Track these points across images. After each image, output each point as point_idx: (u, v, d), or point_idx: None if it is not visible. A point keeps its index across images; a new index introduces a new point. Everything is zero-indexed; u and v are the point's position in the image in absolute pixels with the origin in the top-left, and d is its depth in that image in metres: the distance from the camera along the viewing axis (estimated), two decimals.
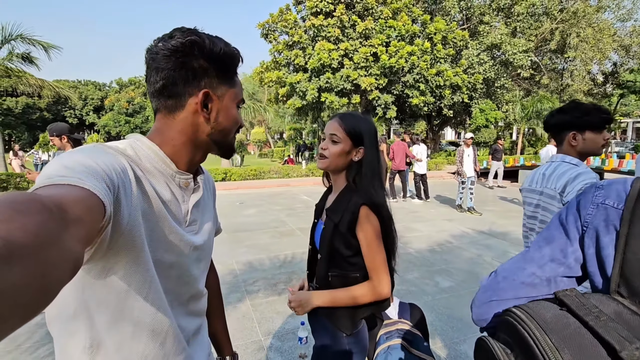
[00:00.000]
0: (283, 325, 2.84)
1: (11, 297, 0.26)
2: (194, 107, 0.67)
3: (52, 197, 0.37)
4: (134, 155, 0.64)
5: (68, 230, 0.35)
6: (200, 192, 0.75)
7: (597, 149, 1.56)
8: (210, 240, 0.82)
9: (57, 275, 0.32)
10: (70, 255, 0.34)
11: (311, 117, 18.04)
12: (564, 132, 1.59)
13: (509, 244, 5.08)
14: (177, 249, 0.68)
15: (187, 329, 0.75)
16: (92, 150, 0.55)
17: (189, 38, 0.64)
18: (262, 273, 3.94)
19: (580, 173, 1.49)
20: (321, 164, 1.15)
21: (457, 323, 2.88)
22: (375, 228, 1.07)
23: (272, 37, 16.64)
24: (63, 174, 0.45)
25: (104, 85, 45.81)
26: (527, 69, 18.84)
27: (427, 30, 15.77)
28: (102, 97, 41.68)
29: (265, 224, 6.18)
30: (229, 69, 0.71)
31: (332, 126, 1.14)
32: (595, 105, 1.57)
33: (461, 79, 15.97)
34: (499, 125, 19.44)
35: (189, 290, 0.75)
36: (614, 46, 21.26)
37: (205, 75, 0.67)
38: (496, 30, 17.93)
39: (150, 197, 0.63)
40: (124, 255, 0.57)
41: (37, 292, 0.29)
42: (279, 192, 10.13)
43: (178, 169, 0.69)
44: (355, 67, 14.78)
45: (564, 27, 19.53)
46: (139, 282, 0.60)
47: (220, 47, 0.67)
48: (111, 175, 0.52)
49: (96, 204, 0.44)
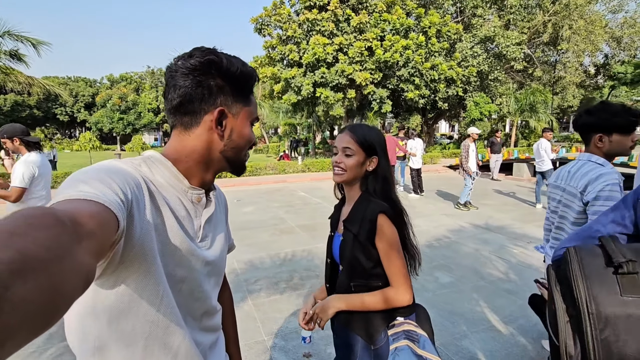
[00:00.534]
0: (286, 325, 2.87)
1: (23, 311, 0.26)
2: (209, 124, 0.69)
3: (66, 211, 0.38)
4: (147, 171, 0.66)
5: (81, 244, 0.36)
6: (212, 207, 0.76)
7: (625, 151, 1.55)
8: (223, 256, 0.82)
9: (69, 289, 0.32)
10: (83, 268, 0.35)
11: (306, 112, 17.97)
12: (591, 134, 1.59)
13: (506, 238, 5.15)
14: (189, 263, 0.69)
15: (202, 343, 0.76)
16: (107, 166, 0.57)
17: (207, 57, 0.66)
18: (264, 272, 3.96)
19: (602, 174, 1.50)
20: (338, 178, 1.16)
21: (458, 319, 2.93)
22: (393, 236, 1.09)
23: (266, 31, 16.48)
24: (79, 189, 0.46)
25: (94, 81, 45.06)
26: (520, 62, 18.91)
27: (422, 23, 15.72)
28: (93, 94, 40.99)
29: (264, 222, 6.18)
30: (244, 88, 0.73)
31: (344, 139, 1.14)
32: (624, 106, 1.53)
33: (455, 72, 16.00)
34: (492, 118, 19.54)
35: (202, 306, 0.75)
36: (606, 38, 21.42)
37: (221, 93, 0.69)
38: (489, 23, 17.93)
39: (163, 212, 0.64)
40: (135, 269, 0.58)
41: (48, 306, 0.29)
42: (276, 188, 10.12)
43: (191, 185, 0.71)
44: (350, 62, 14.72)
45: (557, 19, 19.60)
46: (151, 295, 0.61)
47: (237, 66, 0.69)
48: (125, 190, 0.53)
49: (110, 219, 0.45)
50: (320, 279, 3.72)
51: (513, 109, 18.27)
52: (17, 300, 0.26)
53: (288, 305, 3.18)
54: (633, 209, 0.81)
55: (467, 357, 2.43)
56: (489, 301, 3.23)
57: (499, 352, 2.49)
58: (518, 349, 2.53)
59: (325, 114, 16.24)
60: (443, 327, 2.78)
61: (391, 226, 1.09)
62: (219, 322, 0.85)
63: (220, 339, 0.86)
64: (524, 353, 2.48)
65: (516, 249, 4.68)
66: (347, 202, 1.24)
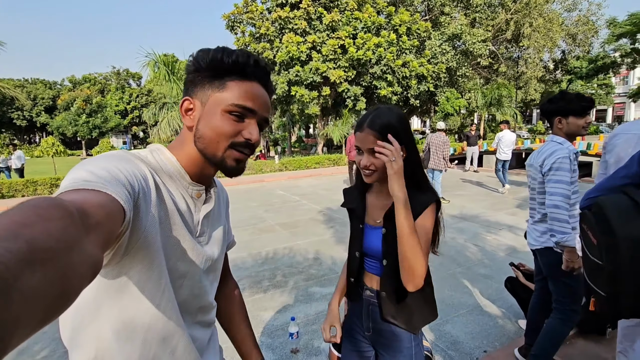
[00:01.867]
0: (272, 322, 2.85)
1: (33, 300, 0.26)
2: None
3: (74, 201, 0.38)
4: (154, 163, 0.66)
5: (89, 235, 0.36)
6: (211, 204, 0.76)
7: (579, 130, 1.89)
8: (220, 252, 0.82)
9: (77, 279, 0.32)
10: (90, 259, 0.35)
11: (279, 111, 17.85)
12: (553, 118, 1.93)
13: (480, 226, 5.37)
14: (189, 258, 0.69)
15: (199, 339, 0.76)
16: (115, 157, 0.57)
17: (192, 56, 0.69)
18: (246, 271, 3.91)
19: (556, 150, 1.83)
20: (370, 179, 1.07)
21: (439, 305, 2.98)
22: (432, 221, 1.04)
23: (238, 28, 16.20)
24: (87, 179, 0.46)
25: (54, 83, 42.41)
26: (486, 58, 19.67)
27: (392, 21, 16.00)
28: (53, 96, 38.53)
29: (243, 221, 6.10)
30: (216, 74, 0.67)
31: (368, 140, 1.02)
32: (578, 94, 1.88)
33: (426, 69, 16.41)
34: (461, 112, 20.24)
35: (199, 302, 0.75)
36: (562, 35, 22.68)
37: (193, 85, 0.69)
38: (456, 21, 18.54)
39: (168, 205, 0.64)
40: (139, 260, 0.58)
41: (57, 295, 0.29)
42: (254, 188, 10.01)
43: (191, 180, 0.71)
44: (324, 60, 14.75)
45: (518, 17, 20.54)
46: (153, 288, 0.61)
47: (208, 55, 0.67)
48: (132, 182, 0.53)
49: (117, 210, 0.45)
50: (303, 275, 3.73)
51: (480, 104, 19.02)
52: (27, 290, 0.26)
53: (272, 302, 3.16)
54: (637, 165, 1.08)
55: (449, 341, 2.52)
56: (467, 286, 3.36)
57: (480, 334, 2.60)
58: (497, 329, 2.65)
59: (301, 112, 16.20)
60: None
61: (433, 214, 1.04)
62: (214, 317, 0.86)
63: (214, 334, 0.86)
64: (502, 333, 2.61)
65: (489, 235, 4.89)
66: (377, 190, 1.15)
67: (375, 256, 1.13)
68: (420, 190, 1.06)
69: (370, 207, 1.16)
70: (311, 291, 3.36)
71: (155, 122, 15.06)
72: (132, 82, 40.73)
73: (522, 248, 4.25)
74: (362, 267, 1.18)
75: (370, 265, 1.16)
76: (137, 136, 37.81)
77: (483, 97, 19.04)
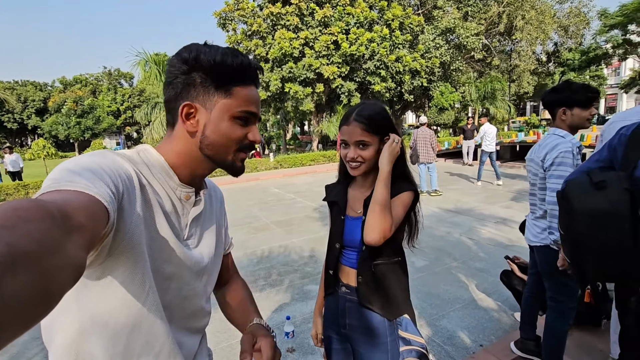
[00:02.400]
0: (267, 321, 2.82)
1: (14, 304, 0.26)
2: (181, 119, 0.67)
3: (56, 202, 0.37)
4: (140, 163, 0.65)
5: (71, 236, 0.35)
6: (200, 206, 0.74)
7: (584, 123, 1.77)
8: (211, 255, 0.79)
9: (59, 282, 0.32)
10: (73, 261, 0.34)
11: (273, 108, 17.75)
12: (556, 109, 1.79)
13: (474, 219, 5.37)
14: (175, 260, 0.67)
15: (187, 345, 0.74)
16: (98, 156, 0.55)
17: (181, 53, 0.65)
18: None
19: (558, 144, 1.72)
20: (357, 172, 1.11)
21: (435, 300, 3.02)
22: (404, 206, 1.08)
23: (230, 26, 16.05)
24: (69, 179, 0.45)
25: (45, 85, 41.77)
26: (479, 51, 19.70)
27: (385, 16, 15.92)
28: (44, 98, 37.96)
29: (238, 220, 6.06)
30: (222, 79, 0.66)
31: (356, 132, 1.06)
32: (584, 84, 1.77)
33: (419, 63, 16.38)
34: (455, 106, 20.26)
35: (190, 306, 0.74)
36: (555, 27, 22.76)
37: (192, 87, 0.66)
38: (449, 15, 18.49)
39: (153, 206, 0.63)
40: (123, 262, 0.56)
41: (39, 299, 0.29)
42: (249, 186, 9.96)
43: (180, 182, 0.69)
44: (317, 56, 14.67)
45: (510, 10, 20.56)
46: (136, 290, 0.59)
47: (212, 57, 0.64)
48: (116, 182, 0.52)
49: (100, 211, 0.44)
50: (299, 273, 3.70)
51: (474, 97, 19.05)
52: (8, 293, 0.25)
53: (268, 302, 3.13)
54: (607, 151, 1.20)
55: (446, 335, 2.51)
56: (462, 280, 3.36)
57: (476, 327, 2.59)
58: (492, 323, 2.65)
59: (295, 109, 16.11)
60: (422, 309, 2.86)
61: (410, 199, 1.09)
62: (206, 324, 0.83)
63: (203, 340, 0.85)
64: (498, 326, 2.60)
65: (484, 229, 4.89)
66: (360, 183, 1.19)
67: (355, 246, 1.15)
68: (400, 179, 1.12)
69: (351, 199, 1.20)
70: (307, 289, 3.33)
71: (148, 122, 14.93)
72: (124, 82, 40.32)
73: (517, 241, 4.26)
74: (339, 261, 1.20)
75: (348, 257, 1.18)
76: (131, 137, 37.47)
77: (477, 90, 19.07)
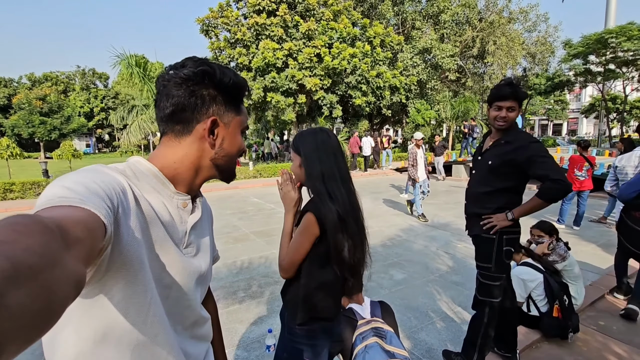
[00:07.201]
0: (247, 334, 2.79)
1: (19, 317, 0.26)
2: (201, 132, 0.70)
3: (53, 218, 0.37)
4: (132, 176, 0.65)
5: (70, 250, 0.35)
6: (198, 214, 0.75)
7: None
8: (207, 264, 0.81)
9: (61, 295, 0.32)
10: (74, 274, 0.35)
11: (254, 117, 17.69)
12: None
13: (451, 234, 5.56)
14: (175, 269, 0.68)
15: (193, 354, 0.75)
16: (91, 171, 0.56)
17: (201, 68, 0.68)
18: (220, 282, 3.81)
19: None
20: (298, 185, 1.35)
21: (414, 312, 3.09)
22: (305, 228, 1.20)
23: (213, 33, 15.96)
24: (64, 195, 0.45)
25: (10, 80, 39.54)
26: (454, 72, 20.62)
27: (367, 33, 16.42)
28: (9, 95, 35.86)
29: (217, 230, 5.93)
30: (236, 98, 0.75)
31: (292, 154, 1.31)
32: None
33: (399, 80, 16.93)
34: (431, 123, 21.01)
35: (191, 315, 0.75)
36: (523, 53, 24.26)
37: (213, 102, 0.71)
38: (427, 36, 19.34)
39: (149, 217, 0.64)
40: (122, 276, 0.56)
41: (43, 312, 0.29)
42: (228, 195, 9.81)
43: (177, 190, 0.71)
44: (300, 67, 14.83)
45: (483, 35, 21.75)
46: (138, 303, 0.59)
47: (230, 77, 0.71)
48: (111, 196, 0.53)
49: (97, 225, 0.44)
50: (280, 284, 3.66)
51: (450, 115, 19.85)
52: (13, 306, 0.25)
53: (248, 314, 3.09)
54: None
55: (424, 348, 2.58)
56: (439, 294, 3.46)
57: (452, 340, 2.68)
58: None
59: (275, 118, 16.12)
60: (400, 322, 2.90)
61: (313, 224, 1.18)
62: (210, 331, 0.85)
63: (210, 351, 0.86)
64: None
65: (460, 244, 5.07)
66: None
67: None
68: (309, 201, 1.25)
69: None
70: None
71: (124, 125, 14.42)
72: (98, 82, 38.86)
73: None
74: None
75: None
76: (102, 139, 35.97)
77: (452, 108, 19.90)
